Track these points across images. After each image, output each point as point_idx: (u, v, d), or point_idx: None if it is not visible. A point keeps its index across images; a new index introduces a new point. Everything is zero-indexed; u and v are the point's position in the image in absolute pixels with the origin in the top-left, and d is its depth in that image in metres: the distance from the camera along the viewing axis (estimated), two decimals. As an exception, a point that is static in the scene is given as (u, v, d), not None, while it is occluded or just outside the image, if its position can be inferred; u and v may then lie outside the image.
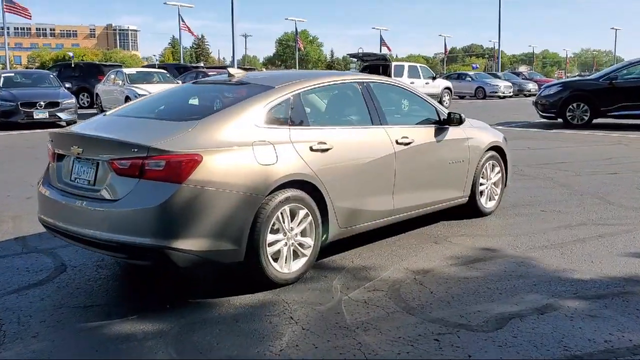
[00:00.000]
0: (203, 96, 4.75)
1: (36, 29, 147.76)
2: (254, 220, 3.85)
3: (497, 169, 6.23)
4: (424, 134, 5.30)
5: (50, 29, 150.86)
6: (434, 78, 23.31)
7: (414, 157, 5.12)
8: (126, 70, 20.00)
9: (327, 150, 4.34)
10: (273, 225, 4.00)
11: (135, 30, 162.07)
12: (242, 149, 3.85)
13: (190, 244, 3.61)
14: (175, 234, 3.57)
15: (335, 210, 4.41)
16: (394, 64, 21.93)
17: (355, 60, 23.59)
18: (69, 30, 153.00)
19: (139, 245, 3.56)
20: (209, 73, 21.41)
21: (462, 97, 34.54)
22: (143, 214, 3.54)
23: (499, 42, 51.42)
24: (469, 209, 6.02)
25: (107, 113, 4.69)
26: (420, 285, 4.17)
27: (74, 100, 15.97)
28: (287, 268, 4.11)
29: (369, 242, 5.17)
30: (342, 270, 4.49)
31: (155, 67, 26.69)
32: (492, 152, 6.11)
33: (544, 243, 5.18)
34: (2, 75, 16.77)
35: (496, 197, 6.27)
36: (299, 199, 4.13)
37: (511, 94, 34.04)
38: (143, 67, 31.02)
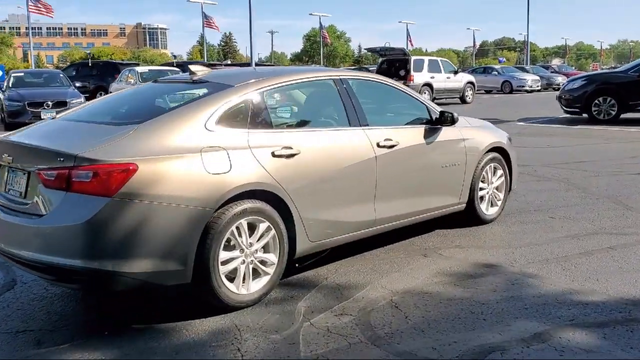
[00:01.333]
0: (157, 97, 4.32)
1: (68, 28, 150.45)
2: (202, 236, 3.42)
3: (500, 172, 5.69)
4: (412, 136, 4.80)
5: (82, 29, 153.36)
6: (456, 72, 22.57)
7: (399, 161, 4.63)
8: (139, 69, 19.82)
9: (293, 155, 3.89)
10: (228, 241, 3.57)
11: (164, 29, 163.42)
12: (187, 157, 3.42)
13: (125, 265, 3.20)
14: (106, 254, 3.16)
15: (304, 222, 3.96)
16: (413, 58, 21.26)
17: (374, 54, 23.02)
18: (100, 30, 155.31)
19: (68, 267, 3.17)
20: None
21: (488, 92, 33.64)
22: (69, 231, 3.14)
23: (527, 35, 50.14)
24: (468, 217, 5.50)
25: (58, 116, 4.32)
26: (395, 308, 3.69)
27: (82, 99, 15.77)
28: (245, 289, 3.68)
29: (352, 254, 4.71)
30: (312, 288, 4.04)
31: (173, 65, 26.52)
32: (494, 154, 5.57)
33: (546, 256, 4.64)
34: (12, 75, 16.70)
35: (499, 203, 5.74)
36: (259, 211, 3.69)
37: (539, 87, 32.99)
38: (161, 65, 30.91)
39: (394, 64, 21.83)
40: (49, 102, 15.07)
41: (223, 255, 3.54)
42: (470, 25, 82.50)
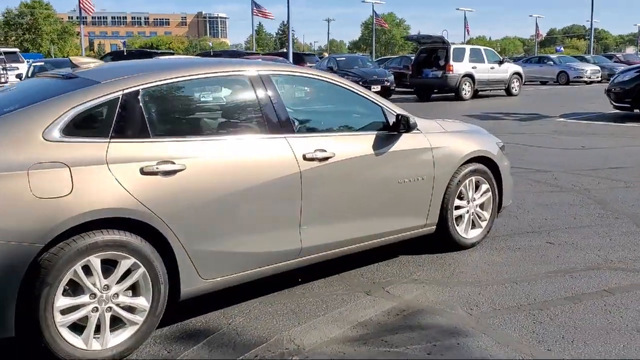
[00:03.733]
0: (15, 96, 3.55)
1: (132, 18, 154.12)
2: (27, 279, 2.66)
3: (485, 186, 4.70)
4: (355, 145, 3.90)
5: (145, 18, 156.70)
6: (501, 62, 21.04)
7: (336, 176, 3.75)
8: (166, 58, 19.35)
9: (173, 172, 3.07)
10: (71, 284, 2.81)
11: (225, 18, 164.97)
12: (7, 177, 2.66)
13: None
14: None
15: (191, 256, 3.15)
16: (453, 47, 19.87)
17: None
18: (162, 19, 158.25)
19: None
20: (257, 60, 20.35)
21: (543, 83, 31.65)
22: None
23: (591, 20, 47.19)
24: (442, 241, 4.55)
25: None
26: (285, 376, 2.84)
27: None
28: (99, 343, 2.91)
29: (280, 287, 3.87)
30: (201, 340, 3.23)
31: (210, 55, 26.10)
32: (476, 165, 4.58)
33: (519, 301, 3.66)
34: (33, 64, 16.53)
35: (483, 224, 4.74)
36: (120, 245, 2.90)
37: (599, 78, 30.69)
38: (197, 54, 30.50)
39: (433, 52, 20.55)
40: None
41: (62, 302, 2.78)
42: (535, 12, 78.59)
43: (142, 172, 2.99)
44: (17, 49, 28.06)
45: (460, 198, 4.56)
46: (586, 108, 16.16)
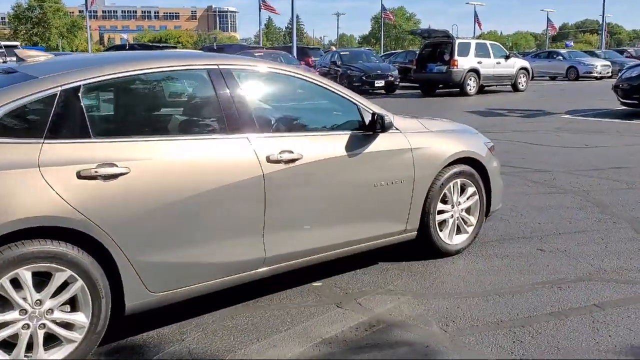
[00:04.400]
0: None
1: (142, 11, 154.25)
2: None
3: (471, 189, 4.40)
4: (328, 146, 3.62)
5: (155, 12, 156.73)
6: (507, 57, 20.58)
7: (305, 179, 3.47)
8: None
9: (115, 176, 2.81)
10: (1, 299, 2.56)
11: (234, 12, 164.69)
12: None
13: None
14: None
15: (136, 268, 2.89)
16: (457, 41, 19.41)
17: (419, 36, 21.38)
18: (172, 13, 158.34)
19: None
20: (255, 54, 20.01)
21: (553, 78, 31.14)
22: None
23: (603, 15, 46.47)
24: (424, 247, 4.27)
25: None
26: (230, 403, 2.58)
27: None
28: (29, 362, 2.66)
29: (248, 297, 3.62)
30: (146, 357, 2.97)
31: (213, 49, 25.83)
32: (462, 167, 4.29)
33: (500, 316, 3.38)
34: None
35: (469, 230, 4.45)
36: (55, 257, 2.65)
37: (609, 74, 30.08)
38: (200, 49, 30.20)
39: (438, 47, 20.12)
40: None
41: None
42: (546, 7, 77.73)
43: (80, 176, 2.73)
44: (18, 42, 27.88)
45: (444, 202, 4.27)
46: (594, 104, 15.75)
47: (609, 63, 30.70)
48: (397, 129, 3.95)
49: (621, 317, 3.35)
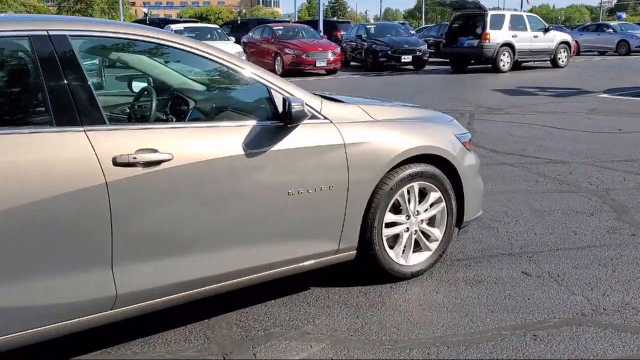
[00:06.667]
0: None
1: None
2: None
3: (435, 195, 3.40)
4: (214, 142, 2.67)
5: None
6: (546, 30, 18.90)
7: (175, 188, 2.56)
8: (174, 27, 18.28)
9: None
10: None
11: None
12: None
13: None
14: None
15: None
16: (490, 12, 17.80)
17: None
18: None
19: None
20: (274, 27, 19.37)
21: (602, 53, 29.01)
22: None
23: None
24: (370, 269, 3.32)
25: None
26: None
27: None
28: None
29: (101, 345, 2.76)
30: None
31: (237, 24, 25.01)
32: (421, 167, 3.28)
33: (436, 384, 2.41)
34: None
35: (433, 246, 3.46)
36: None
37: (666, 48, 27.92)
38: (223, 25, 29.25)
39: (469, 19, 18.62)
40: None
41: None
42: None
43: None
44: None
45: (397, 212, 3.30)
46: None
47: (665, 36, 28.41)
48: (325, 117, 2.99)
49: (609, 392, 2.34)
